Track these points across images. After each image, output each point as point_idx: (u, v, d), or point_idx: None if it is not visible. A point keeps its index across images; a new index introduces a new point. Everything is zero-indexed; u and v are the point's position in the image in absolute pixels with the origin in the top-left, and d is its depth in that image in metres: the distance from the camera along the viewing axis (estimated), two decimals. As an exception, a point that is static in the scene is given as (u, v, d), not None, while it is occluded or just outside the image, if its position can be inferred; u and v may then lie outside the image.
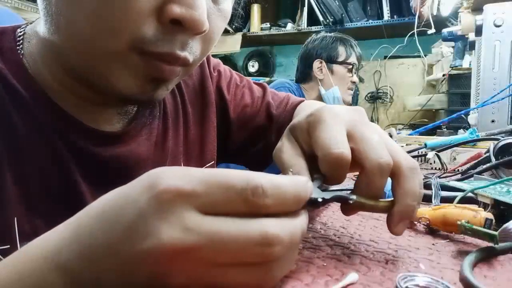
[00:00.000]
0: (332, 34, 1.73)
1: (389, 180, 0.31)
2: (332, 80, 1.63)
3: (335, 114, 0.32)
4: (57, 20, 0.35)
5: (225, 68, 0.65)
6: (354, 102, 2.80)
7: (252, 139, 0.63)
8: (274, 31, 2.89)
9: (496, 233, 0.29)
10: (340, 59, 1.65)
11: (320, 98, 1.66)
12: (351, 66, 1.65)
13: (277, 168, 0.35)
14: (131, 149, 0.46)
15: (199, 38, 0.38)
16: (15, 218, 0.38)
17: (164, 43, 0.35)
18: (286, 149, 0.34)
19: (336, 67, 1.64)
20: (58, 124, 0.41)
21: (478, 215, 0.32)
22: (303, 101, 0.66)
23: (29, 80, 0.41)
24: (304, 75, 1.70)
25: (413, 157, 0.83)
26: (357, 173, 0.31)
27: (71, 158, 0.42)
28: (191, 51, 0.38)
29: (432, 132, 1.55)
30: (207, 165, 0.58)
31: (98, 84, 0.39)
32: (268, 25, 2.90)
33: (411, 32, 2.27)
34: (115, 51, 0.35)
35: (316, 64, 1.64)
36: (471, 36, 1.40)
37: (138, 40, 0.34)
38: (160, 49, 0.35)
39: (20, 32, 0.43)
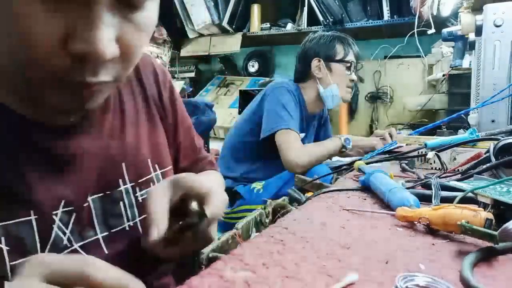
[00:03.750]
0: (329, 32, 1.72)
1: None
2: (331, 79, 1.62)
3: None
4: None
5: (180, 101, 0.67)
6: (354, 102, 2.80)
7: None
8: (274, 31, 2.88)
9: (496, 233, 0.29)
10: (338, 57, 1.64)
11: (319, 96, 1.65)
12: (349, 64, 1.64)
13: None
14: (79, 142, 0.47)
15: (114, 59, 0.38)
16: None
17: (75, 72, 0.36)
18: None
19: (334, 65, 1.63)
20: (6, 120, 0.42)
21: (478, 215, 0.32)
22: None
23: None
24: (303, 74, 1.69)
25: (413, 157, 0.83)
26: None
27: (20, 151, 0.42)
28: (107, 72, 0.39)
29: (432, 132, 1.55)
30: (166, 169, 0.59)
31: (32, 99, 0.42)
32: (268, 25, 2.89)
33: (411, 32, 2.27)
34: (36, 79, 0.37)
35: (314, 62, 1.64)
36: (471, 36, 1.40)
37: (51, 71, 0.36)
38: (73, 79, 0.37)
39: None
